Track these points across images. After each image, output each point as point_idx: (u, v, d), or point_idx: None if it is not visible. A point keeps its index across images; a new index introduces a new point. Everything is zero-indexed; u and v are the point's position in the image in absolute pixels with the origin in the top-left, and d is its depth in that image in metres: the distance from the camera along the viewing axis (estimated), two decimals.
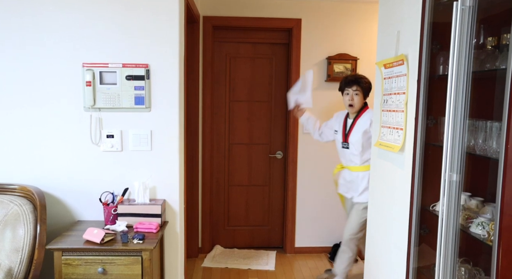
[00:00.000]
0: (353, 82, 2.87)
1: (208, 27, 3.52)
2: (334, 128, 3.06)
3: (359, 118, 2.90)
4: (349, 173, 2.97)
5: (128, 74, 2.23)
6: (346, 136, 2.93)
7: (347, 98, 2.90)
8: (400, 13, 2.11)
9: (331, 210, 3.76)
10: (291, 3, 3.53)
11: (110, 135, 2.28)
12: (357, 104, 2.88)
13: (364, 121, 2.86)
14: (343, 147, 2.95)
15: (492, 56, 1.51)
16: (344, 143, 2.94)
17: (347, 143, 2.91)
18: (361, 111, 2.92)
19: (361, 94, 2.87)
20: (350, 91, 2.88)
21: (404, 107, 2.04)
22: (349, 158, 2.93)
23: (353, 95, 2.87)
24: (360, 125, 2.87)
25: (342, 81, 2.96)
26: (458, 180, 1.51)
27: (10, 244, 1.94)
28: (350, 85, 2.88)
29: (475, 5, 1.41)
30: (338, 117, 3.09)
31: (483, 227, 1.51)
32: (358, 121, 2.89)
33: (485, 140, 1.50)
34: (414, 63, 1.90)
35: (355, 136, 2.87)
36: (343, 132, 2.95)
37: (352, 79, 2.90)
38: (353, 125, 2.90)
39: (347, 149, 2.92)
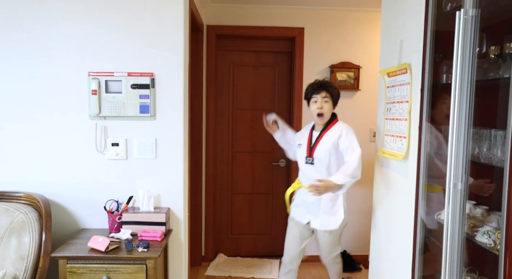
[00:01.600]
0: (322, 88, 2.47)
1: (212, 36, 3.55)
2: (298, 141, 2.61)
3: (328, 131, 2.49)
4: (309, 195, 2.46)
5: (133, 83, 2.26)
6: (311, 150, 2.49)
7: (315, 106, 2.47)
8: (403, 22, 2.13)
9: None
10: (294, 12, 3.57)
11: (115, 143, 2.29)
12: (327, 112, 2.46)
13: (333, 134, 2.46)
14: (307, 162, 2.50)
15: (495, 65, 1.52)
16: (308, 158, 2.50)
17: (311, 158, 2.48)
18: (329, 124, 2.51)
19: (331, 101, 2.47)
20: (318, 98, 2.46)
21: (407, 115, 2.05)
22: (313, 176, 2.45)
23: (322, 102, 2.45)
24: (329, 137, 2.47)
25: (309, 87, 2.54)
26: (462, 189, 1.51)
27: (15, 252, 1.95)
28: (318, 91, 2.46)
29: (478, 15, 1.42)
30: (304, 130, 2.67)
31: (489, 236, 1.50)
32: (326, 134, 2.48)
33: (490, 149, 1.50)
34: (417, 71, 1.92)
35: (322, 149, 2.45)
36: (308, 146, 2.52)
37: (320, 84, 2.50)
38: (320, 138, 2.49)
39: (311, 165, 2.48)
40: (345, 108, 3.65)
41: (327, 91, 2.46)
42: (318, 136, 2.49)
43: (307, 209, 2.54)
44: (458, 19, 1.43)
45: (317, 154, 2.46)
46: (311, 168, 2.49)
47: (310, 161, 2.49)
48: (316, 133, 2.52)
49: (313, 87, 2.49)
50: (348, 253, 3.68)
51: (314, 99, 2.48)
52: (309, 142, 2.51)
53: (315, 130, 2.55)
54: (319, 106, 2.44)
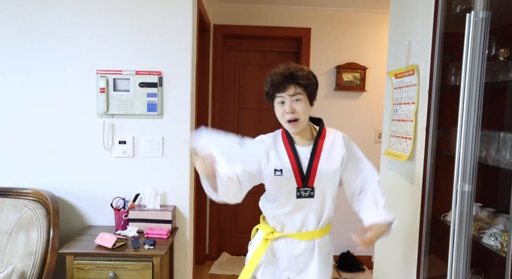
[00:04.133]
0: (289, 80, 1.50)
1: (219, 36, 3.56)
2: (271, 165, 1.57)
3: (324, 141, 1.60)
4: (297, 244, 1.62)
5: (141, 81, 2.27)
6: (308, 175, 1.55)
7: (280, 110, 1.54)
8: (411, 23, 2.13)
9: (338, 217, 3.74)
10: (300, 12, 3.57)
11: (122, 141, 2.31)
12: (303, 115, 1.52)
13: (337, 147, 1.61)
14: (301, 196, 1.55)
15: (505, 67, 1.52)
16: (303, 189, 1.54)
17: (310, 188, 1.54)
18: (321, 130, 1.63)
19: (306, 98, 1.53)
20: (285, 98, 1.51)
21: (413, 116, 2.05)
22: (307, 216, 1.58)
23: (293, 103, 1.51)
24: (334, 153, 1.59)
25: (268, 82, 1.55)
26: (470, 191, 1.52)
27: (23, 247, 1.97)
28: (283, 86, 1.50)
29: (488, 17, 1.42)
30: (265, 144, 1.62)
31: (495, 238, 1.51)
32: (326, 147, 1.59)
33: (498, 151, 1.50)
34: (425, 73, 1.92)
35: (329, 172, 1.56)
36: (297, 170, 1.55)
37: (285, 75, 1.50)
38: (318, 155, 1.57)
39: (310, 198, 1.56)
40: (351, 109, 3.66)
41: (298, 84, 1.49)
42: (313, 152, 1.56)
43: (289, 264, 1.64)
44: (468, 21, 1.43)
45: (320, 181, 1.54)
46: (306, 204, 1.56)
47: (308, 193, 1.54)
48: (305, 148, 1.57)
49: (275, 82, 1.51)
50: (352, 254, 3.68)
51: (280, 100, 1.52)
52: (297, 164, 1.54)
53: (297, 144, 1.58)
54: (289, 110, 1.50)
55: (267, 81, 1.55)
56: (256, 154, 1.50)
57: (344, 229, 3.77)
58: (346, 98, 3.64)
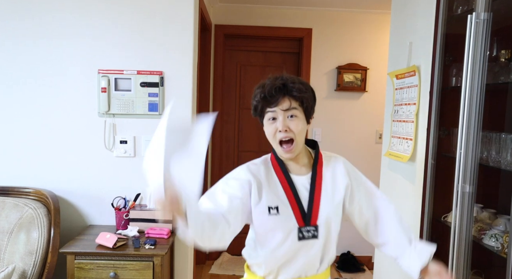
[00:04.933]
0: (282, 92, 1.23)
1: (220, 36, 3.56)
2: (264, 202, 1.25)
3: (323, 167, 1.32)
4: None
5: (142, 81, 2.27)
6: (310, 211, 1.25)
7: (271, 128, 1.25)
8: (413, 24, 2.13)
9: None
10: (302, 13, 3.57)
11: (123, 140, 2.31)
12: (299, 136, 1.24)
13: (339, 174, 1.33)
14: (303, 237, 1.24)
15: (506, 68, 1.52)
16: (305, 228, 1.24)
17: (314, 226, 1.25)
18: (318, 158, 1.32)
19: (302, 114, 1.25)
20: (278, 113, 1.23)
21: (414, 117, 2.05)
22: (308, 261, 1.28)
23: (286, 120, 1.23)
24: (336, 181, 1.32)
25: (257, 94, 1.27)
26: (470, 192, 1.52)
27: (24, 247, 1.97)
28: (275, 99, 1.23)
29: (489, 19, 1.42)
30: (258, 177, 1.28)
31: (496, 239, 1.51)
32: (326, 173, 1.31)
33: (499, 152, 1.50)
34: (426, 74, 1.92)
35: (333, 207, 1.28)
36: (296, 206, 1.25)
37: (277, 86, 1.23)
38: (319, 185, 1.28)
39: (314, 239, 1.25)
40: (351, 109, 3.66)
41: (292, 97, 1.23)
42: (313, 182, 1.27)
43: None
44: (469, 22, 1.44)
45: (324, 218, 1.26)
46: (309, 246, 1.25)
47: (312, 233, 1.25)
48: (302, 178, 1.28)
49: (266, 94, 1.23)
50: (352, 254, 3.69)
51: (270, 115, 1.24)
52: (295, 198, 1.25)
53: (292, 172, 1.29)
54: (282, 127, 1.21)
55: (256, 93, 1.27)
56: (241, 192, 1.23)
57: (344, 229, 3.78)
58: (347, 98, 3.64)
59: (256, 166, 1.31)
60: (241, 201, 1.23)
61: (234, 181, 1.27)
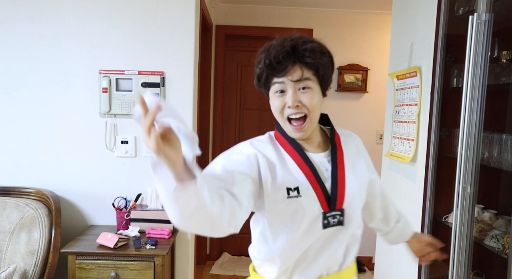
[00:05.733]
0: (292, 58, 0.98)
1: (221, 36, 3.56)
2: (281, 182, 1.00)
3: (343, 144, 1.12)
4: None
5: (143, 81, 2.27)
6: (335, 193, 1.04)
7: (278, 103, 1.01)
8: (414, 25, 2.13)
9: None
10: (303, 13, 3.57)
11: (124, 141, 2.31)
12: (313, 112, 1.01)
13: (359, 151, 1.18)
14: (330, 224, 1.03)
15: (507, 69, 1.52)
16: (330, 214, 1.02)
17: (340, 211, 1.04)
18: (334, 133, 1.13)
19: (316, 85, 1.01)
20: (286, 85, 0.99)
21: (416, 118, 2.05)
22: (333, 254, 1.06)
23: (297, 93, 0.99)
24: (357, 159, 1.14)
25: (261, 60, 1.02)
26: (472, 192, 1.52)
27: (25, 247, 1.97)
28: (283, 67, 0.98)
29: (491, 19, 1.42)
30: (266, 154, 1.03)
31: (497, 240, 1.51)
32: (347, 148, 1.12)
33: (500, 153, 1.50)
34: (427, 75, 1.92)
35: (359, 188, 1.09)
36: (319, 187, 1.02)
37: (287, 50, 0.98)
38: (341, 161, 1.08)
39: (339, 227, 1.05)
40: (352, 110, 3.66)
41: (305, 64, 0.99)
42: (335, 159, 1.07)
43: None
44: (471, 23, 1.44)
45: (349, 201, 1.05)
46: (334, 235, 1.05)
47: (337, 219, 1.04)
48: (320, 155, 1.07)
49: (272, 60, 0.99)
50: None
51: (278, 87, 1.01)
52: (316, 178, 1.03)
53: (308, 150, 1.07)
54: (293, 102, 0.99)
55: (259, 59, 1.02)
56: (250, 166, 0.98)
57: None
58: (347, 99, 3.64)
59: (262, 143, 1.06)
60: (251, 180, 0.95)
61: (238, 157, 1.00)
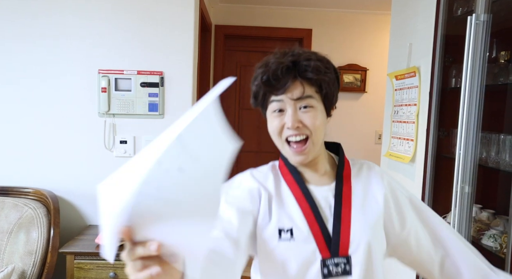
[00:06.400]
0: (292, 74, 0.86)
1: (220, 36, 3.57)
2: (274, 223, 0.88)
3: (351, 175, 0.95)
4: None
5: (142, 81, 2.27)
6: (338, 237, 0.86)
7: (277, 123, 0.89)
8: (413, 25, 2.14)
9: None
10: (302, 13, 3.58)
11: (123, 141, 2.31)
12: (315, 134, 0.88)
13: (376, 180, 0.95)
14: (332, 274, 0.85)
15: (505, 70, 1.53)
16: (332, 261, 0.85)
17: (345, 258, 0.85)
18: (344, 163, 0.96)
19: (320, 104, 0.89)
20: (286, 103, 0.87)
21: (415, 118, 2.06)
22: None
23: (298, 113, 0.87)
24: (372, 188, 0.94)
25: (258, 76, 0.89)
26: (470, 192, 1.52)
27: (23, 247, 1.97)
28: (282, 83, 0.86)
29: (489, 20, 1.43)
30: (266, 187, 0.93)
31: (495, 239, 1.51)
32: (356, 181, 0.94)
33: (498, 153, 1.51)
34: (426, 75, 1.93)
35: (371, 224, 0.89)
36: (318, 229, 0.86)
37: (287, 65, 0.86)
38: (348, 196, 0.91)
39: (346, 277, 0.85)
40: (351, 110, 3.66)
41: (307, 80, 0.87)
42: (340, 194, 0.91)
43: None
44: (469, 24, 1.44)
45: (358, 245, 0.87)
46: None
47: (342, 267, 0.86)
48: (323, 189, 0.93)
49: (270, 76, 0.87)
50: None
51: (276, 106, 0.89)
52: (316, 218, 0.88)
53: (310, 183, 0.94)
54: (292, 123, 0.86)
55: (256, 75, 0.90)
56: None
57: None
58: (346, 99, 3.65)
59: (262, 174, 0.95)
60: (253, 217, 0.87)
61: (240, 190, 0.90)
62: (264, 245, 0.87)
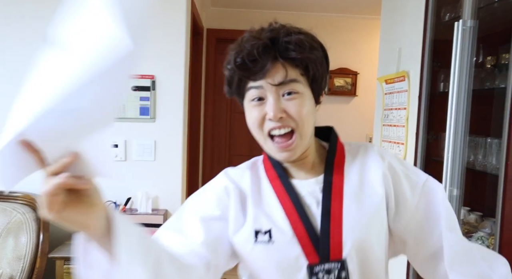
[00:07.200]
0: (272, 53, 0.72)
1: (212, 40, 3.57)
2: (249, 224, 0.76)
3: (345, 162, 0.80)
4: None
5: (134, 85, 2.27)
6: (327, 237, 0.72)
7: (256, 114, 0.76)
8: (402, 30, 2.17)
9: None
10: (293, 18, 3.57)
11: (114, 144, 2.30)
12: (302, 124, 0.74)
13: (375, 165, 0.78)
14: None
15: (492, 74, 1.56)
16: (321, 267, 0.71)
17: (338, 262, 0.71)
18: (335, 151, 0.81)
19: (307, 89, 0.75)
20: (266, 90, 0.73)
21: (405, 122, 2.08)
22: None
23: (281, 101, 0.73)
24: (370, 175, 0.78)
25: (231, 59, 0.78)
26: (458, 195, 1.55)
27: (12, 252, 1.94)
28: (260, 66, 0.71)
29: (476, 26, 1.46)
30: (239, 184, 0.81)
31: (482, 241, 1.54)
32: (349, 171, 0.79)
33: (485, 156, 1.53)
34: (415, 79, 1.95)
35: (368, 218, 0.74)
36: (303, 229, 0.73)
37: (264, 42, 0.72)
38: (339, 188, 0.76)
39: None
40: (342, 113, 3.69)
41: (289, 61, 0.72)
42: (328, 185, 0.77)
43: None
44: (456, 29, 1.47)
45: (354, 246, 0.73)
46: None
47: (336, 274, 0.71)
48: (310, 182, 0.79)
49: (244, 58, 0.74)
50: None
51: (254, 94, 0.76)
52: (300, 217, 0.74)
53: (295, 177, 0.80)
54: (274, 112, 0.72)
55: (230, 57, 0.78)
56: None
57: None
58: (337, 102, 3.68)
59: (238, 171, 0.84)
60: (223, 223, 0.76)
61: (207, 194, 0.80)
62: (240, 250, 0.76)
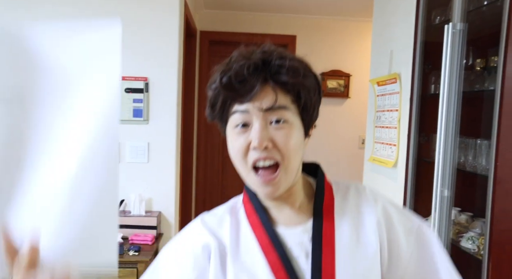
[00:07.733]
0: (259, 74, 0.64)
1: (205, 42, 3.58)
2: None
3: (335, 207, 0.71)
4: None
5: (127, 87, 2.27)
6: None
7: (241, 142, 0.65)
8: (393, 33, 2.19)
9: None
10: (286, 20, 3.62)
11: None
12: (290, 157, 0.65)
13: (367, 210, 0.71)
14: None
15: (481, 77, 1.58)
16: None
17: None
18: (323, 192, 0.72)
19: (296, 118, 0.67)
20: (252, 115, 0.64)
21: (397, 123, 2.10)
22: None
23: (268, 129, 0.64)
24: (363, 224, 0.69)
25: (216, 79, 0.66)
26: (449, 196, 1.57)
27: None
28: (248, 88, 0.63)
29: (465, 29, 1.48)
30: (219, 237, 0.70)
31: (473, 241, 1.56)
32: (341, 219, 0.69)
33: (475, 157, 1.56)
34: (406, 81, 1.98)
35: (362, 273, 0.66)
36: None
37: (254, 61, 0.66)
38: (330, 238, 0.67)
39: None
40: (335, 115, 3.71)
41: (280, 85, 0.65)
42: (318, 236, 0.67)
43: None
44: (446, 32, 1.49)
45: None
46: None
47: None
48: (297, 230, 0.70)
49: (231, 78, 0.65)
50: None
51: (238, 119, 0.66)
52: (286, 272, 0.64)
53: (279, 223, 0.71)
54: (259, 140, 0.62)
55: (215, 76, 0.68)
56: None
57: None
58: (330, 104, 3.70)
59: (216, 219, 0.74)
60: None
61: (184, 252, 0.71)
62: None
